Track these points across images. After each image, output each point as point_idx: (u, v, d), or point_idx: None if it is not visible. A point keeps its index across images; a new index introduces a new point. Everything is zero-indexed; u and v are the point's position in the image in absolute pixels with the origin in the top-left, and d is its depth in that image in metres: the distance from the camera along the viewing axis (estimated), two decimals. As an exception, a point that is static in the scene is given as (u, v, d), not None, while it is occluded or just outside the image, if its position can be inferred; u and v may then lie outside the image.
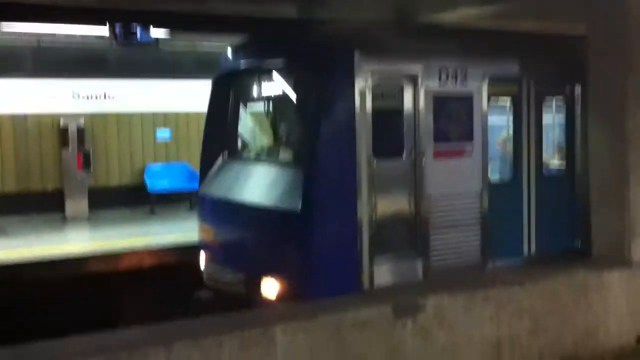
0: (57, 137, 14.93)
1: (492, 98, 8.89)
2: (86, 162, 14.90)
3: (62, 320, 9.57)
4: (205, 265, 9.15)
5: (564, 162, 9.87)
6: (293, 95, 8.80)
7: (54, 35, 14.11)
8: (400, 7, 10.55)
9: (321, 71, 7.81)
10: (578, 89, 9.49)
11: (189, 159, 15.78)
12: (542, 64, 9.32)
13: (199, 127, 10.63)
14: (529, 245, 9.13)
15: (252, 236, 8.32)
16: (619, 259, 7.70)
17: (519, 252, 9.05)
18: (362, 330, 5.90)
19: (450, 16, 10.00)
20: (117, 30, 13.88)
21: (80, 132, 14.89)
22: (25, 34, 14.00)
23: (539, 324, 6.94)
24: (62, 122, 14.83)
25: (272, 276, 7.81)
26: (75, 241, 12.41)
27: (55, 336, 5.30)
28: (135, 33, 13.78)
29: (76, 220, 14.52)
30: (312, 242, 7.55)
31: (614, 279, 7.48)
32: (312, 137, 7.67)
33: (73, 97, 15.26)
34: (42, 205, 14.61)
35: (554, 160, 10.62)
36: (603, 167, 8.05)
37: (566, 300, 7.14)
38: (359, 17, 9.76)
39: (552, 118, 10.44)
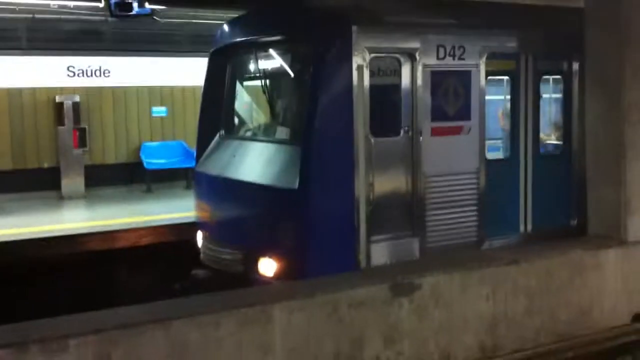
0: (52, 114, 14.81)
1: (490, 74, 8.85)
2: (82, 139, 14.80)
3: (58, 299, 9.64)
4: (202, 244, 9.15)
5: (561, 140, 9.85)
6: (290, 71, 8.75)
7: (47, 6, 13.99)
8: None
9: (319, 47, 7.76)
10: (576, 66, 9.44)
11: (186, 134, 15.73)
12: (541, 40, 9.26)
13: (195, 101, 10.55)
14: (526, 223, 9.14)
15: (250, 214, 8.31)
16: (615, 238, 7.72)
17: (516, 230, 9.06)
18: (359, 309, 5.93)
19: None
20: (112, 1, 13.79)
21: (76, 108, 14.76)
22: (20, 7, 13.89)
23: (534, 302, 6.97)
24: (57, 99, 14.71)
25: (269, 254, 7.81)
26: (69, 221, 12.37)
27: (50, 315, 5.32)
28: (131, 4, 13.68)
29: (72, 198, 14.47)
30: (309, 220, 7.55)
31: (609, 257, 7.51)
32: (309, 114, 7.63)
33: (68, 72, 15.11)
34: (38, 183, 14.54)
35: (551, 138, 10.61)
36: (599, 144, 8.03)
37: (561, 279, 7.16)
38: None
39: (550, 95, 10.41)
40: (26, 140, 14.65)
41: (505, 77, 9.23)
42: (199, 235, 9.30)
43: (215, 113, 9.52)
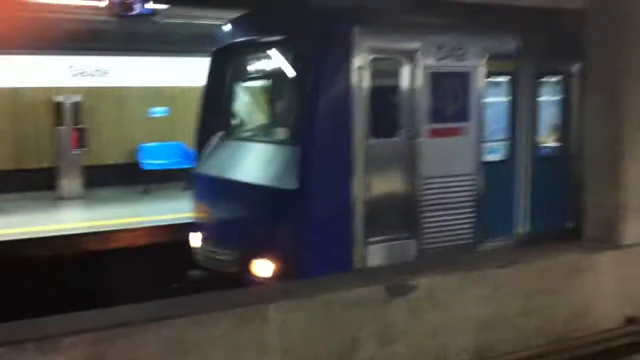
0: (51, 114, 14.78)
1: (490, 75, 8.85)
2: (81, 139, 14.78)
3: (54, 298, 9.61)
4: (200, 244, 9.15)
5: (559, 142, 9.85)
6: (290, 72, 8.76)
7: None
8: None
9: (319, 47, 7.77)
10: (576, 67, 9.44)
11: (185, 134, 15.69)
12: (541, 41, 9.26)
13: (196, 102, 10.51)
14: (523, 225, 9.14)
15: (247, 215, 8.32)
16: (611, 241, 7.71)
17: (513, 232, 9.06)
18: (355, 310, 5.92)
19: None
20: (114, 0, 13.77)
21: (75, 108, 14.74)
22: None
23: (530, 304, 6.96)
24: (56, 98, 14.69)
25: (266, 254, 7.82)
26: (66, 222, 12.37)
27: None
28: (132, 3, 13.67)
29: (70, 199, 14.44)
30: (306, 220, 7.57)
31: (606, 260, 7.50)
32: (308, 114, 7.64)
33: (69, 71, 15.09)
34: (36, 183, 14.51)
35: (550, 140, 10.61)
36: (597, 146, 8.01)
37: (558, 281, 7.16)
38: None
39: (550, 96, 10.41)
40: (25, 140, 14.63)
41: (505, 79, 9.23)
42: (194, 236, 9.28)
43: (215, 113, 9.52)
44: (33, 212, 12.84)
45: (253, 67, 9.17)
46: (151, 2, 13.88)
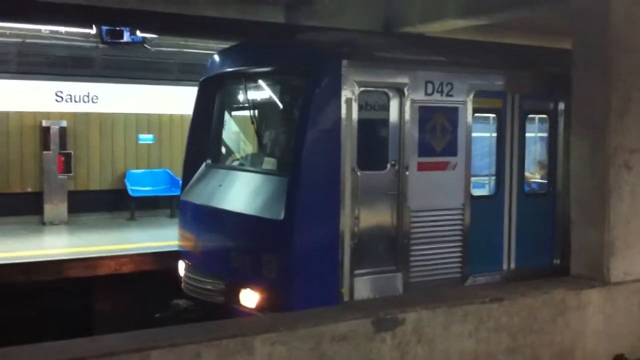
0: (38, 138, 14.71)
1: (477, 112, 8.92)
2: (67, 164, 14.70)
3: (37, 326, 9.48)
4: (185, 273, 9.07)
5: (546, 179, 9.91)
6: (279, 103, 8.80)
7: (39, 31, 13.98)
8: (387, 17, 10.57)
9: (308, 79, 7.81)
10: (562, 105, 9.54)
11: (172, 162, 15.68)
12: (527, 80, 9.37)
13: (183, 130, 10.54)
14: (509, 261, 9.15)
15: (233, 244, 8.27)
16: (598, 279, 7.72)
17: (499, 268, 9.06)
18: (341, 344, 5.87)
19: (437, 27, 10.03)
20: (103, 28, 13.81)
21: (62, 133, 14.69)
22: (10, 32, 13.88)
23: (516, 341, 6.93)
24: (44, 123, 14.64)
25: (252, 285, 7.76)
26: (49, 247, 12.19)
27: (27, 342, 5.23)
28: (122, 31, 13.72)
29: (54, 224, 14.29)
30: (293, 251, 7.53)
31: (592, 298, 7.50)
32: (297, 146, 7.65)
33: (55, 97, 15.05)
34: (20, 207, 14.37)
35: (536, 177, 10.68)
36: (584, 184, 8.07)
37: (544, 318, 7.14)
38: (347, 26, 9.78)
39: (536, 134, 10.50)
40: (10, 164, 14.52)
41: (492, 115, 9.31)
42: (181, 265, 9.22)
43: (202, 142, 9.53)
44: (15, 237, 12.69)
45: (241, 97, 9.19)
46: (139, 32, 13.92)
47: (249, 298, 7.79)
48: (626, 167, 7.82)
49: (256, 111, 8.98)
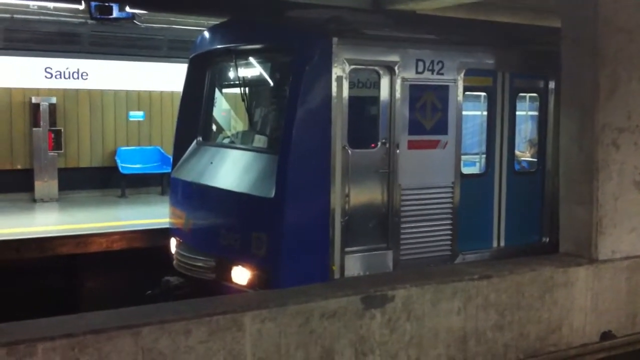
0: (28, 115, 14.63)
1: (467, 90, 8.92)
2: (57, 141, 14.63)
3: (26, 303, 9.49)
4: (176, 250, 9.09)
5: (536, 157, 9.95)
6: (269, 80, 8.77)
7: (27, 7, 13.84)
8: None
9: (299, 56, 7.77)
10: (552, 84, 9.55)
11: (162, 139, 15.64)
12: (518, 58, 9.37)
13: (173, 107, 10.47)
14: (499, 239, 9.21)
15: (224, 222, 8.28)
16: (586, 256, 7.79)
17: (489, 246, 9.12)
18: (330, 321, 5.93)
19: (428, 4, 9.95)
20: (92, 3, 13.66)
21: (52, 110, 14.60)
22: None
23: (504, 318, 7.02)
24: (33, 100, 14.55)
25: (243, 262, 7.79)
26: (40, 225, 12.16)
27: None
28: (111, 7, 13.59)
29: (44, 201, 14.26)
30: (284, 229, 7.54)
31: (580, 275, 7.58)
32: (287, 123, 7.64)
33: (45, 73, 14.94)
34: (10, 185, 14.33)
35: (526, 155, 10.72)
36: (572, 163, 8.12)
37: (532, 295, 7.22)
38: (337, 3, 9.70)
39: (526, 112, 10.51)
40: (0, 141, 14.45)
41: (482, 93, 9.32)
42: (172, 242, 9.24)
43: (193, 119, 9.49)
44: (5, 215, 12.66)
45: (232, 74, 9.15)
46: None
47: (240, 275, 7.81)
48: (614, 145, 7.87)
49: (247, 89, 8.95)
